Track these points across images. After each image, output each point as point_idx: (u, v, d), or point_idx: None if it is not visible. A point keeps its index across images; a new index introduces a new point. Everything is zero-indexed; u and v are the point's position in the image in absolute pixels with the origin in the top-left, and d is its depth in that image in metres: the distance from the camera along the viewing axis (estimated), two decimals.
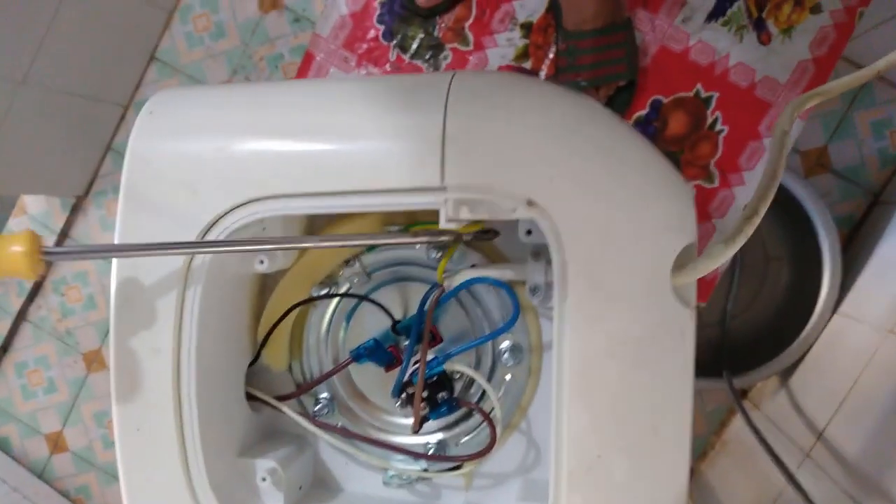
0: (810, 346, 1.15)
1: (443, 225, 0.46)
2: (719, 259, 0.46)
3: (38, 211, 1.54)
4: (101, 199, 1.53)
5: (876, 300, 1.04)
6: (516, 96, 0.47)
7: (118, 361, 0.49)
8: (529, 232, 0.52)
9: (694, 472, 1.35)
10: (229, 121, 0.49)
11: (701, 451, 1.35)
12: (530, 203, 0.45)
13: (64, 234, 1.54)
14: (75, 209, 1.54)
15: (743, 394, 1.33)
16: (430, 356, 0.56)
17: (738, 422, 1.32)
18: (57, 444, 1.57)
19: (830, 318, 1.13)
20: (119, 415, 0.49)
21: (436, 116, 0.45)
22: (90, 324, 1.56)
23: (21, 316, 1.57)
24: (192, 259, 0.48)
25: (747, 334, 1.29)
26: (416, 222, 0.56)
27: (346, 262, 0.58)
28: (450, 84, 0.46)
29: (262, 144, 0.47)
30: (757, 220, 0.47)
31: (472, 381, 0.59)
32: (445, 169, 0.45)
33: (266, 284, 0.59)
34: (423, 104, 0.46)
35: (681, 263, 0.47)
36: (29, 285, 1.56)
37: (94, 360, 1.56)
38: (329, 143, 0.47)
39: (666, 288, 0.46)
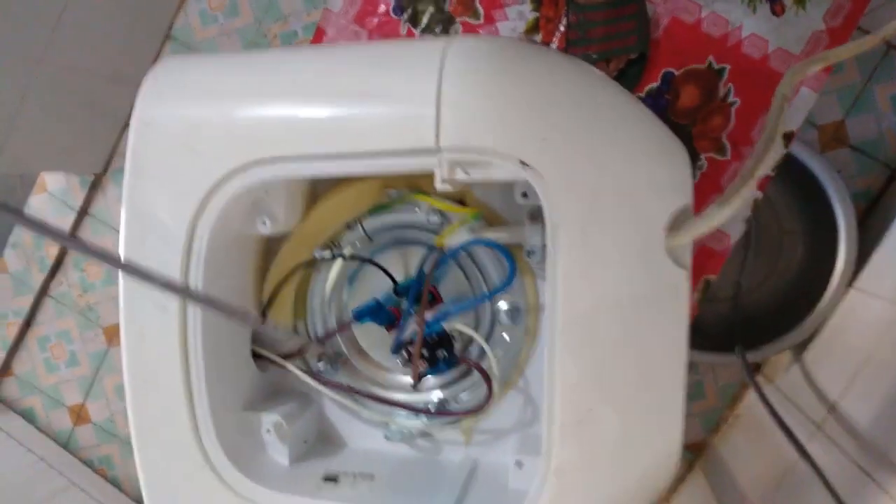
0: (824, 321, 1.14)
1: (438, 186, 0.47)
2: (714, 220, 0.47)
3: (57, 188, 1.57)
4: (119, 176, 1.55)
5: (891, 275, 1.03)
6: (509, 60, 0.47)
7: (127, 317, 0.51)
8: (525, 195, 0.53)
9: (707, 446, 1.35)
10: (230, 85, 0.50)
11: (714, 424, 1.36)
12: (523, 164, 0.45)
13: (83, 211, 1.57)
14: (94, 186, 1.56)
15: (756, 368, 1.33)
16: (429, 316, 0.57)
17: (750, 396, 1.32)
18: (80, 415, 1.61)
19: (845, 292, 1.13)
20: (129, 369, 0.51)
21: (431, 79, 0.46)
22: (110, 298, 1.59)
23: (43, 291, 1.60)
24: (197, 218, 0.50)
25: (761, 308, 1.29)
26: (416, 186, 0.57)
27: (348, 226, 0.59)
28: (445, 48, 0.47)
29: (261, 108, 0.49)
30: (753, 183, 0.48)
31: (471, 341, 0.60)
32: (440, 131, 0.46)
33: (270, 248, 0.60)
34: (420, 67, 0.47)
35: (676, 224, 0.47)
36: (51, 261, 1.59)
37: (115, 335, 1.59)
38: (327, 106, 0.48)
39: (660, 248, 0.47)
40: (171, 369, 0.50)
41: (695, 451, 1.35)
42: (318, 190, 0.58)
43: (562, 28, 1.03)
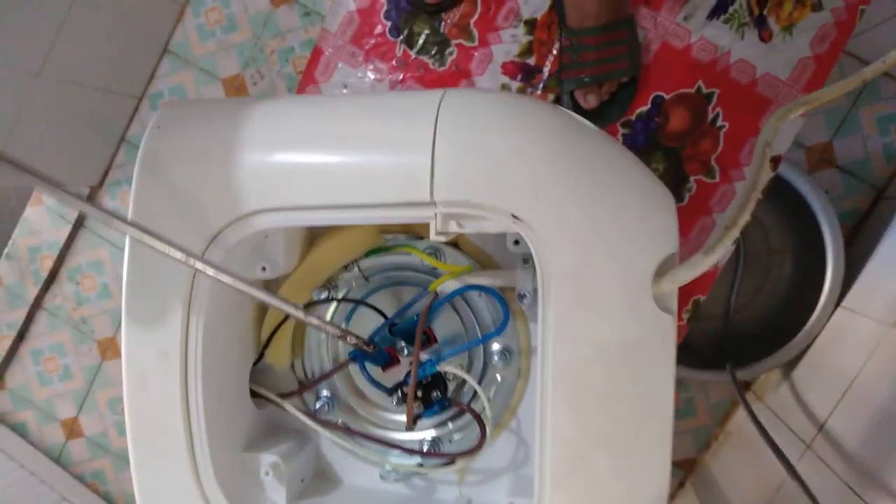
0: (813, 340, 1.16)
1: (432, 237, 0.48)
2: (699, 269, 0.48)
3: (53, 201, 1.57)
4: (115, 189, 1.56)
5: (879, 294, 1.05)
6: (499, 116, 0.48)
7: (129, 362, 0.52)
8: (517, 242, 0.54)
9: (697, 463, 1.36)
10: (233, 136, 0.51)
11: (704, 442, 1.37)
12: (515, 218, 0.47)
13: (79, 224, 1.57)
14: (90, 199, 1.56)
15: (746, 386, 1.34)
16: (424, 357, 0.58)
17: (740, 413, 1.33)
18: (72, 429, 1.61)
19: (833, 311, 1.14)
20: (130, 412, 0.52)
21: (426, 134, 0.47)
22: (104, 312, 1.59)
23: (37, 304, 1.60)
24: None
25: (750, 327, 1.30)
26: (411, 231, 0.58)
27: (345, 267, 0.60)
28: (440, 103, 0.48)
29: (262, 159, 0.50)
30: (736, 232, 0.49)
31: (464, 381, 0.61)
32: (434, 185, 0.47)
33: (269, 288, 0.61)
34: (415, 122, 0.48)
35: (662, 272, 0.48)
36: (45, 274, 1.59)
37: (109, 348, 1.59)
38: (325, 159, 0.49)
39: (647, 296, 0.48)
40: (172, 414, 0.51)
41: (686, 468, 1.36)
42: (315, 233, 0.59)
43: (555, 52, 1.04)
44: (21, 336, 1.61)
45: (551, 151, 0.47)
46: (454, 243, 0.59)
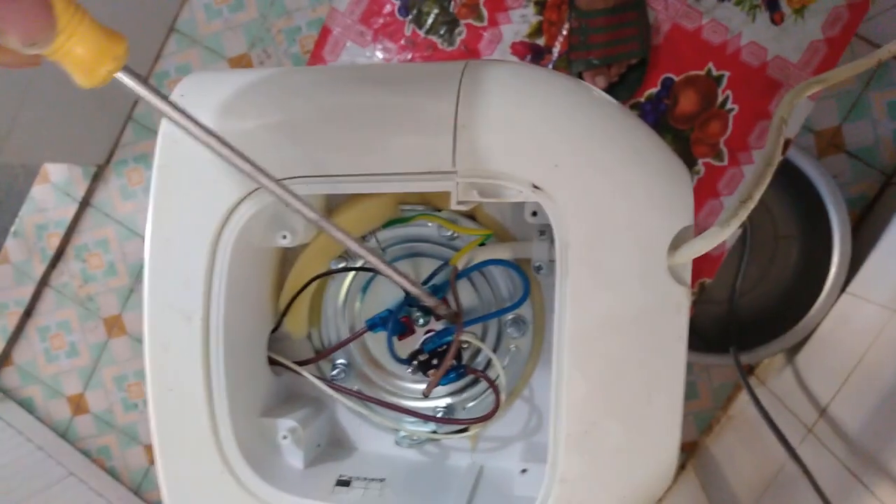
0: (817, 325, 1.17)
1: (453, 206, 0.48)
2: (713, 241, 0.48)
3: (60, 179, 1.58)
4: (121, 168, 1.56)
5: (884, 280, 1.05)
6: (523, 86, 0.49)
7: (151, 326, 0.52)
8: (535, 213, 0.55)
9: (699, 446, 1.38)
10: (255, 105, 0.51)
11: (706, 424, 1.38)
12: (535, 187, 0.47)
13: (86, 202, 1.58)
14: (96, 178, 1.57)
15: (749, 370, 1.35)
16: (440, 326, 0.59)
17: (743, 397, 1.34)
18: (79, 405, 1.63)
19: (838, 297, 1.15)
20: (152, 375, 0.53)
21: (449, 105, 0.47)
22: (111, 290, 1.60)
23: (44, 281, 1.61)
24: (220, 231, 0.52)
25: (755, 311, 1.31)
26: (429, 202, 0.59)
27: (363, 238, 0.61)
28: (462, 73, 0.49)
29: (283, 128, 0.50)
30: (751, 205, 0.49)
31: (479, 350, 0.62)
32: (456, 155, 0.48)
33: (287, 257, 0.62)
34: (437, 92, 0.48)
35: (677, 244, 0.49)
36: (52, 252, 1.60)
37: (115, 326, 1.60)
38: (347, 128, 0.49)
39: (662, 267, 0.49)
40: (193, 379, 0.52)
41: (687, 451, 1.37)
42: (333, 204, 0.59)
43: (564, 32, 1.05)
44: (28, 313, 1.62)
45: (572, 122, 0.48)
46: (470, 215, 0.60)
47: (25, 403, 1.65)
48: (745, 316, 1.31)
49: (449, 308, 0.56)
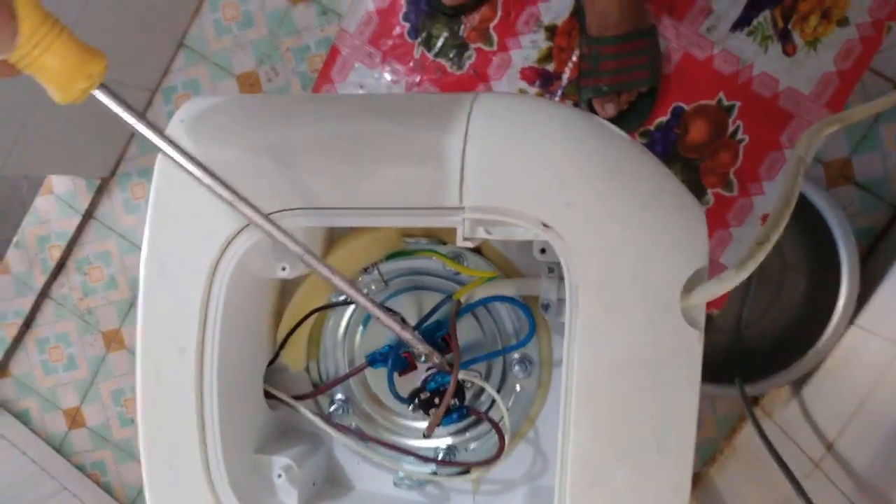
0: (824, 357, 1.15)
1: (459, 242, 0.47)
2: (729, 284, 0.47)
3: (63, 191, 1.57)
4: (125, 181, 1.55)
5: (893, 314, 1.04)
6: (534, 122, 0.48)
7: (144, 357, 0.51)
8: (543, 251, 0.53)
9: (702, 477, 1.35)
10: (256, 133, 0.50)
11: (710, 456, 1.36)
12: (545, 226, 0.46)
13: (88, 215, 1.57)
14: (100, 190, 1.56)
15: (755, 401, 1.33)
16: (441, 363, 0.57)
17: (748, 429, 1.32)
18: (75, 419, 1.61)
19: (846, 329, 1.13)
20: (143, 408, 0.51)
21: (457, 139, 0.46)
22: (111, 303, 1.59)
23: (44, 293, 1.60)
24: (217, 262, 0.50)
25: (761, 342, 1.29)
26: (434, 235, 0.58)
27: (365, 270, 0.59)
28: (471, 106, 0.48)
29: (287, 158, 0.49)
30: (769, 247, 0.48)
31: (482, 389, 0.60)
32: (464, 190, 0.46)
33: (286, 288, 0.61)
34: (445, 126, 0.47)
35: (691, 286, 0.48)
36: (53, 263, 1.59)
37: (114, 340, 1.59)
38: (351, 160, 0.48)
39: (675, 310, 0.47)
40: (185, 411, 0.51)
41: (691, 482, 1.35)
42: (335, 234, 0.58)
43: (574, 59, 1.04)
44: (27, 324, 1.61)
45: (584, 159, 0.47)
46: (477, 249, 0.59)
47: (21, 416, 1.64)
48: (751, 346, 1.29)
49: (441, 357, 0.54)
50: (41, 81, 0.40)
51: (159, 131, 0.42)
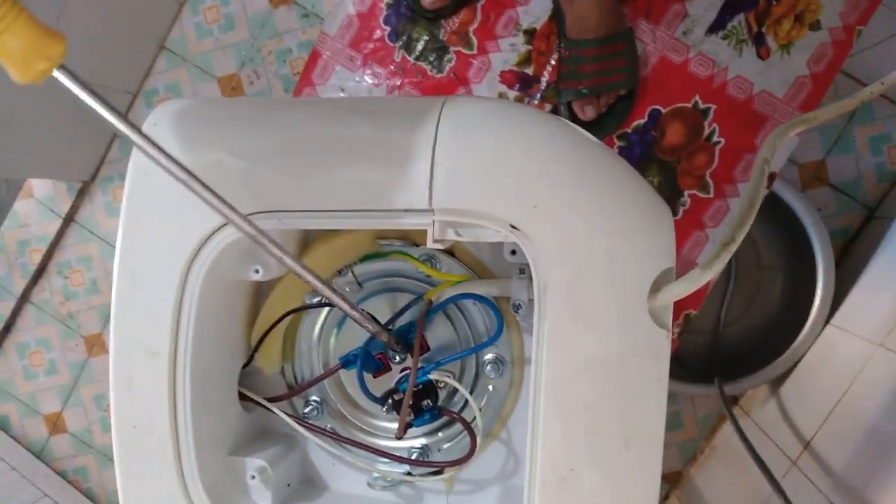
0: (801, 356, 1.16)
1: (429, 244, 0.48)
2: (695, 284, 0.48)
3: (44, 195, 1.56)
4: (107, 185, 1.55)
5: (868, 313, 1.05)
6: (503, 125, 0.48)
7: (116, 362, 0.51)
8: (514, 252, 0.54)
9: (683, 476, 1.37)
10: (227, 138, 0.51)
11: (691, 455, 1.37)
12: (514, 227, 0.47)
13: (69, 219, 1.56)
14: (81, 194, 1.55)
15: (734, 401, 1.35)
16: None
17: (727, 428, 1.33)
18: (56, 425, 1.60)
19: (822, 329, 1.14)
20: (116, 412, 0.51)
21: (427, 141, 0.47)
22: (92, 307, 1.58)
23: (24, 297, 1.59)
24: (190, 265, 0.50)
25: (740, 342, 1.31)
26: (407, 237, 0.58)
27: (339, 272, 0.60)
28: (441, 109, 0.48)
29: (258, 161, 0.49)
30: (734, 247, 0.49)
31: (455, 390, 0.61)
32: (433, 193, 0.47)
33: (260, 289, 0.61)
34: (415, 128, 0.48)
35: (658, 286, 0.48)
36: (33, 267, 1.58)
37: (95, 344, 1.58)
38: (322, 163, 0.49)
39: (643, 310, 0.48)
40: (158, 416, 0.51)
41: (671, 481, 1.36)
42: (309, 237, 0.58)
43: (553, 62, 1.05)
44: (7, 329, 1.60)
45: (552, 162, 0.47)
46: (449, 251, 0.59)
47: (1, 422, 1.62)
48: (729, 346, 1.30)
49: (405, 351, 0.55)
50: (1, 61, 0.40)
51: (120, 113, 0.42)
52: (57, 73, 0.41)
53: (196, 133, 0.51)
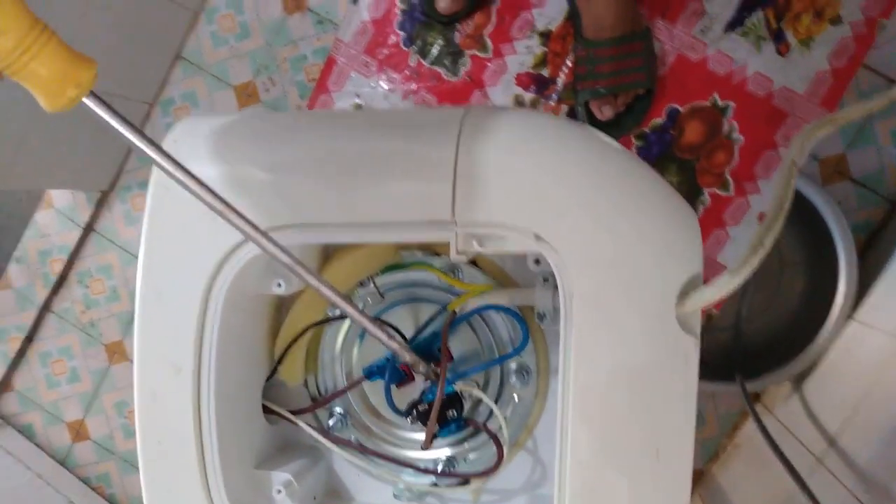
0: (824, 352, 1.15)
1: (453, 257, 0.47)
2: (724, 290, 0.47)
3: (63, 205, 1.57)
4: (125, 194, 1.56)
5: (892, 308, 1.04)
6: (524, 134, 0.48)
7: (141, 378, 0.51)
8: (538, 261, 0.54)
9: (704, 474, 1.35)
10: (248, 152, 0.50)
11: (713, 453, 1.36)
12: (538, 238, 0.46)
13: (89, 228, 1.57)
14: (100, 204, 1.56)
15: (756, 398, 1.33)
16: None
17: (750, 425, 1.32)
18: (79, 432, 1.61)
19: (845, 324, 1.13)
20: (142, 429, 0.52)
21: (448, 153, 0.46)
22: (113, 315, 1.59)
23: (46, 307, 1.60)
24: (213, 280, 0.50)
25: (761, 338, 1.29)
26: (429, 248, 0.58)
27: (361, 283, 0.59)
28: (462, 120, 0.48)
29: (279, 176, 0.49)
30: (764, 252, 0.48)
31: (480, 400, 0.60)
32: (456, 204, 0.46)
33: (283, 303, 0.61)
34: (437, 140, 0.47)
35: (686, 292, 0.48)
36: (54, 277, 1.59)
37: (116, 352, 1.59)
38: (344, 176, 0.48)
39: (670, 317, 0.47)
40: (183, 431, 0.51)
41: (694, 480, 1.35)
42: (330, 249, 0.58)
43: (569, 63, 1.04)
44: (30, 338, 1.61)
45: (575, 170, 0.47)
46: (472, 261, 0.59)
47: (25, 430, 1.64)
48: (751, 343, 1.29)
49: (429, 367, 0.54)
50: (30, 89, 0.40)
51: (149, 139, 0.42)
52: (86, 101, 0.41)
53: (217, 149, 0.51)
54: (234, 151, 0.51)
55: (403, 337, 0.58)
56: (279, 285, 0.54)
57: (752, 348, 1.28)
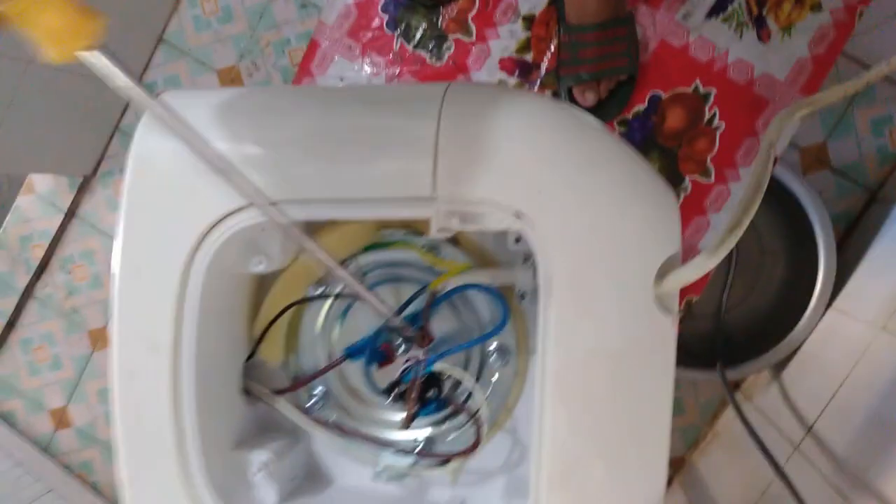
0: (803, 341, 1.16)
1: (433, 233, 0.47)
2: (701, 270, 0.48)
3: (45, 189, 1.56)
4: (108, 179, 1.54)
5: (870, 297, 1.05)
6: (507, 111, 0.48)
7: (118, 356, 0.51)
8: (518, 240, 0.54)
9: (685, 462, 1.37)
10: (230, 126, 0.50)
11: (693, 440, 1.37)
12: (518, 215, 0.46)
13: (71, 213, 1.56)
14: (82, 188, 1.55)
15: (736, 386, 1.34)
16: (421, 356, 0.58)
17: (730, 413, 1.33)
18: (61, 419, 1.60)
19: (824, 313, 1.14)
20: (119, 408, 0.51)
21: (429, 129, 0.46)
22: (96, 302, 1.58)
23: (28, 293, 1.59)
24: (192, 259, 0.50)
25: (741, 327, 1.31)
26: (411, 227, 0.58)
27: (342, 262, 0.59)
28: (444, 96, 0.48)
29: (261, 151, 0.49)
30: (740, 232, 0.49)
31: (460, 379, 0.60)
32: (437, 180, 0.46)
33: (263, 282, 0.61)
34: (418, 116, 0.47)
35: (664, 272, 0.48)
36: (36, 263, 1.58)
37: (99, 339, 1.58)
38: (325, 152, 0.48)
39: (648, 296, 0.48)
40: (161, 410, 0.50)
41: (674, 467, 1.37)
42: (312, 228, 0.58)
43: (552, 48, 1.04)
44: (11, 325, 1.60)
45: (556, 148, 0.47)
46: (453, 240, 0.59)
47: (6, 417, 1.63)
48: (731, 331, 1.30)
49: (417, 332, 0.55)
50: (36, 37, 0.39)
51: (153, 96, 0.42)
52: (95, 53, 0.40)
53: (200, 123, 0.50)
54: (217, 126, 0.50)
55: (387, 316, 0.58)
56: (259, 263, 0.54)
57: (732, 336, 1.29)
